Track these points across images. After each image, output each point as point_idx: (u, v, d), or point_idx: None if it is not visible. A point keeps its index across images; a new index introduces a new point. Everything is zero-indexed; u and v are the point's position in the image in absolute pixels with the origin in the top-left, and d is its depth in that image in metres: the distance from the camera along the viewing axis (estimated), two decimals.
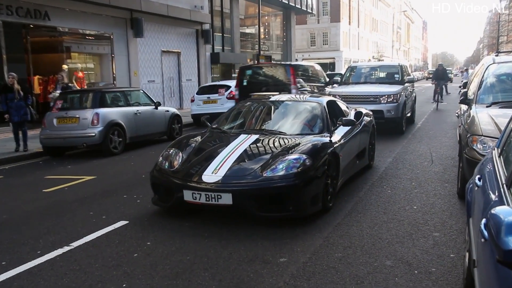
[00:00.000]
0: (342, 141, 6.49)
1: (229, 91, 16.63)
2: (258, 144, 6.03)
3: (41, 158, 10.91)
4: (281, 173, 5.20)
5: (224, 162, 5.49)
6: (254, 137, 6.21)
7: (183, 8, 22.99)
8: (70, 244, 4.90)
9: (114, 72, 19.84)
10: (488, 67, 7.29)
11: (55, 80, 17.21)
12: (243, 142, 6.00)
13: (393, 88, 12.33)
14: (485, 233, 2.19)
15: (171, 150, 6.09)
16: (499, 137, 3.61)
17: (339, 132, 6.65)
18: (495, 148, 3.44)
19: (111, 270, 4.22)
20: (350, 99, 11.51)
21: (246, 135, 6.31)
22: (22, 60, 16.00)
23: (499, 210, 1.68)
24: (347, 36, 61.48)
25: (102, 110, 10.81)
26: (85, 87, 17.64)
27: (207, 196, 5.12)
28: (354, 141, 7.11)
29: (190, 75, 25.08)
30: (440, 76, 22.84)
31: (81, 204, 6.53)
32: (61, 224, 5.65)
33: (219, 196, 5.08)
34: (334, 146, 6.08)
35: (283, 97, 8.06)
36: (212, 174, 5.31)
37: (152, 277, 4.02)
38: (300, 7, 39.45)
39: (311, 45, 59.66)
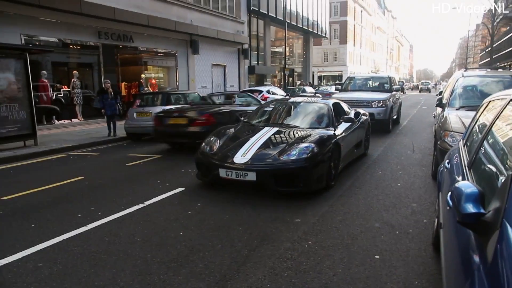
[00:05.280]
0: (343, 134, 6.27)
1: (261, 94, 16.59)
2: (278, 135, 5.86)
3: (125, 141, 11.15)
4: (294, 157, 5.05)
5: (251, 148, 5.39)
6: (275, 129, 6.06)
7: (229, 32, 22.99)
8: (144, 203, 5.02)
9: (177, 80, 20.02)
10: (458, 79, 7.13)
11: (137, 85, 17.62)
12: (266, 133, 5.87)
13: (382, 95, 11.61)
14: (450, 202, 2.15)
15: (211, 138, 6.03)
16: (464, 132, 3.52)
17: (341, 127, 6.42)
18: (461, 140, 3.35)
19: (172, 222, 4.31)
20: (348, 103, 11.04)
21: (269, 127, 6.17)
22: (113, 71, 16.41)
23: (461, 183, 1.65)
24: (352, 55, 60.12)
25: (168, 107, 10.94)
26: (157, 90, 17.94)
27: (237, 173, 5.07)
28: (353, 134, 6.87)
29: (233, 82, 25.08)
30: None
31: (152, 175, 6.67)
32: (138, 188, 5.79)
33: (246, 174, 5.02)
34: (337, 137, 5.90)
35: (299, 98, 7.78)
36: (241, 157, 5.22)
37: (201, 229, 4.10)
38: (316, 32, 38.98)
39: (324, 61, 58.51)
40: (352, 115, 7.42)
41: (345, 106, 7.69)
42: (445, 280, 2.02)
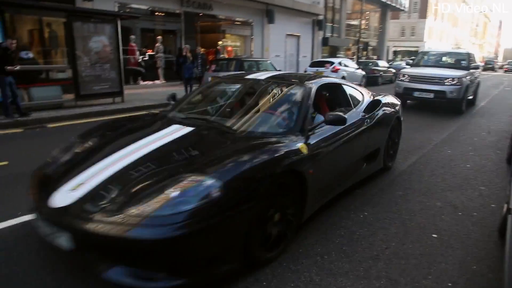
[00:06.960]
0: (322, 147, 3.15)
1: (333, 66, 15.99)
2: (172, 147, 2.81)
3: None
4: (162, 212, 2.09)
5: (96, 175, 2.51)
6: (183, 132, 3.06)
7: (304, 2, 22.19)
8: None
9: (252, 48, 19.98)
10: None
11: (214, 52, 17.94)
12: (152, 143, 2.87)
13: (458, 73, 10.06)
14: None
15: (61, 147, 3.16)
16: None
17: (321, 134, 3.22)
18: None
19: None
20: (417, 79, 10.05)
21: (177, 126, 3.18)
22: (193, 38, 16.75)
23: None
24: (431, 30, 55.20)
25: (240, 73, 11.00)
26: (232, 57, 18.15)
27: (48, 229, 2.33)
28: (353, 143, 3.78)
29: (306, 53, 24.41)
30: None
31: None
32: None
33: (57, 234, 2.26)
34: (299, 158, 2.78)
35: (263, 75, 4.11)
36: (69, 192, 2.40)
37: None
38: (395, 5, 36.17)
39: (401, 36, 54.51)
40: (362, 106, 4.26)
41: (353, 91, 4.45)
42: (507, 269, 1.82)
